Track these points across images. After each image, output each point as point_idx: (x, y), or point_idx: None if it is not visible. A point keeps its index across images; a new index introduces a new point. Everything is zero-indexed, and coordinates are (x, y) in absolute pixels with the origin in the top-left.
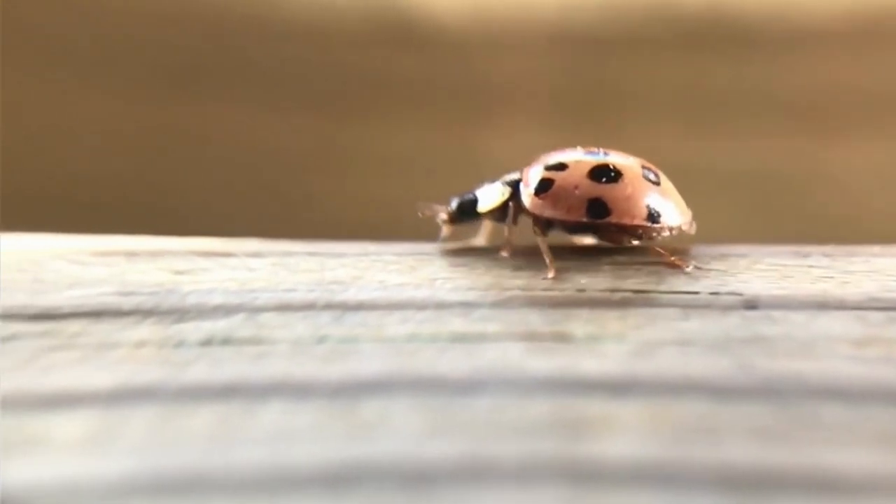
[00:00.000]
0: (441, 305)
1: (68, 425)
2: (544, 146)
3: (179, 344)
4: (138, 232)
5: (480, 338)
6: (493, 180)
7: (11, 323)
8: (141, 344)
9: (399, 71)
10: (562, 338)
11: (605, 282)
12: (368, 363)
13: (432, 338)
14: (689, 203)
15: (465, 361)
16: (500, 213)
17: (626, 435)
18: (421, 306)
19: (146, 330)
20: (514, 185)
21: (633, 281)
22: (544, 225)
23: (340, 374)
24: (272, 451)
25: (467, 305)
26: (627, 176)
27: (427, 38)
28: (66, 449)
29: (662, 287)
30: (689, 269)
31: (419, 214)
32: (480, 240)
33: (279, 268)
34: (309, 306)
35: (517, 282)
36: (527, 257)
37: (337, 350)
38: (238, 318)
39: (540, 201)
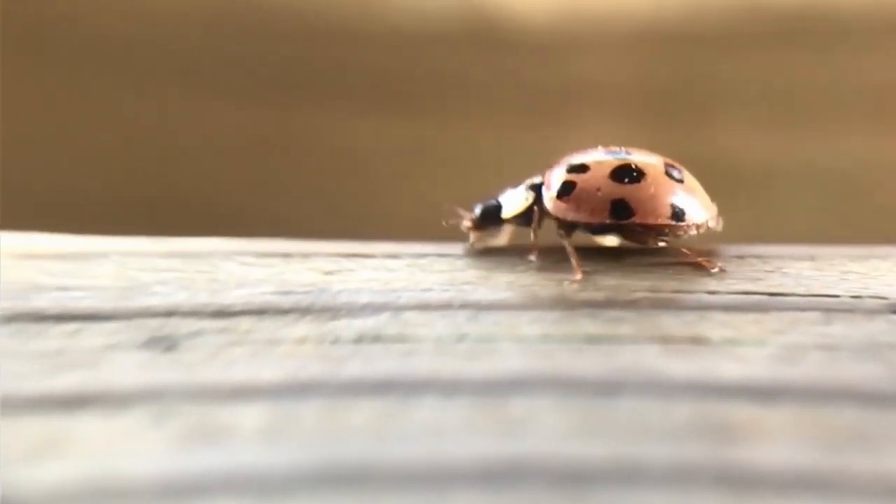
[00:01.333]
0: (570, 306)
1: (250, 416)
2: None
3: (335, 341)
4: (239, 234)
5: (614, 339)
6: (515, 185)
7: (196, 320)
8: (302, 340)
9: (483, 72)
10: (698, 341)
11: (739, 284)
12: (508, 362)
13: (565, 338)
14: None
15: (601, 363)
16: (523, 217)
17: (778, 441)
18: (550, 307)
19: (305, 327)
20: (537, 189)
21: (766, 284)
22: (568, 227)
23: (484, 373)
24: (428, 446)
25: (596, 306)
26: (650, 175)
27: (512, 39)
28: (251, 438)
29: (800, 290)
30: (715, 271)
31: (443, 223)
32: (503, 242)
33: (415, 268)
34: (446, 305)
35: (644, 283)
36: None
37: (477, 349)
38: (384, 317)
39: (563, 204)
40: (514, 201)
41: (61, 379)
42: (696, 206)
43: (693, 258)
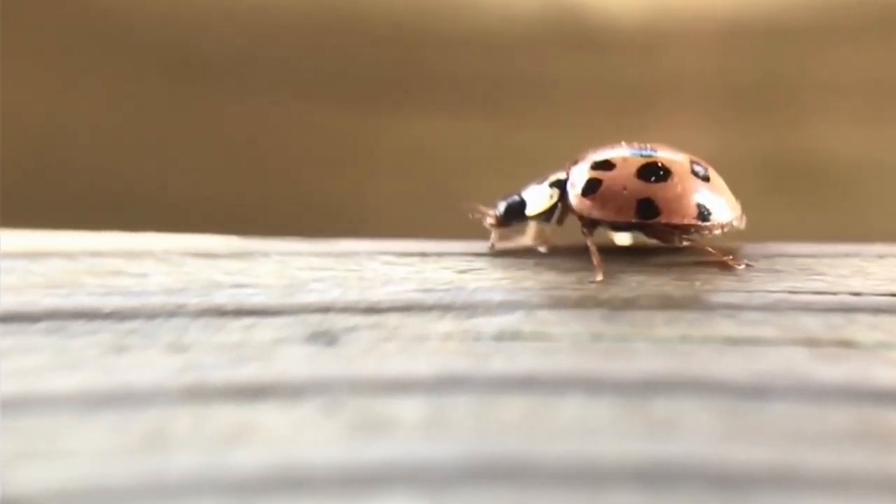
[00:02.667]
0: (706, 307)
1: (409, 409)
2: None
3: (477, 337)
4: (334, 235)
5: (756, 342)
6: (539, 181)
7: (350, 315)
8: (447, 337)
9: (572, 72)
10: (847, 344)
11: (884, 285)
12: (648, 362)
13: (705, 340)
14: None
15: (745, 365)
16: (547, 214)
17: None
18: (685, 307)
19: (448, 324)
20: (561, 186)
21: None
22: (591, 224)
23: (624, 372)
24: (578, 444)
25: (733, 308)
26: (677, 173)
27: (600, 38)
28: (413, 431)
29: None
30: (741, 267)
31: (469, 216)
32: (528, 239)
33: (542, 267)
34: (578, 304)
35: (783, 284)
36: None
37: (614, 348)
38: (519, 315)
39: (588, 202)
40: (538, 198)
41: (243, 370)
42: (721, 205)
43: (718, 257)
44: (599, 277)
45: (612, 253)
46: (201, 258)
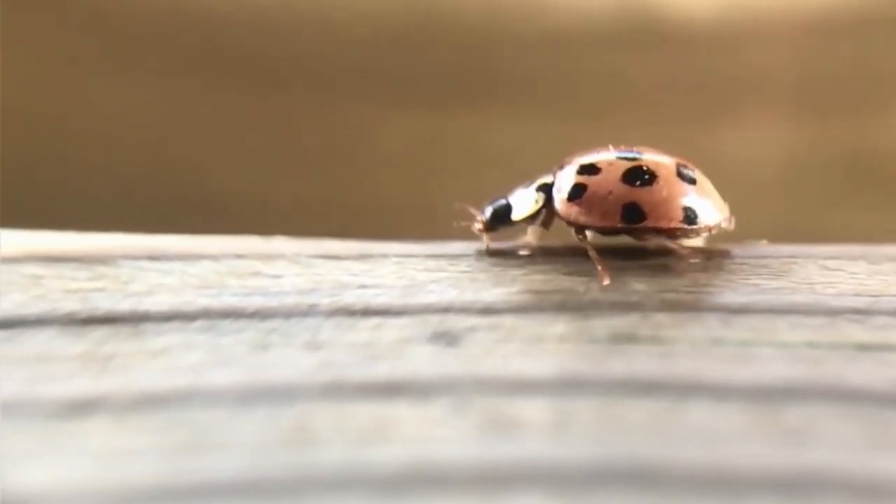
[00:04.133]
0: (831, 311)
1: (534, 410)
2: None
3: (592, 340)
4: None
5: (890, 348)
6: (526, 185)
7: (467, 316)
8: (562, 339)
9: (645, 71)
10: None
11: None
12: (774, 367)
13: (834, 346)
14: None
15: (882, 372)
16: (534, 218)
17: None
18: (809, 311)
19: (561, 326)
20: (547, 190)
21: None
22: (579, 229)
23: (750, 378)
24: (708, 450)
25: (861, 313)
26: (662, 177)
27: (674, 35)
28: (539, 432)
29: None
30: (689, 261)
31: (454, 224)
32: (530, 240)
33: (651, 269)
34: (692, 307)
35: None
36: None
37: (737, 353)
38: (634, 318)
39: (574, 208)
40: (524, 203)
41: (375, 368)
42: (708, 207)
43: (676, 247)
44: (606, 281)
45: (723, 258)
46: (328, 260)
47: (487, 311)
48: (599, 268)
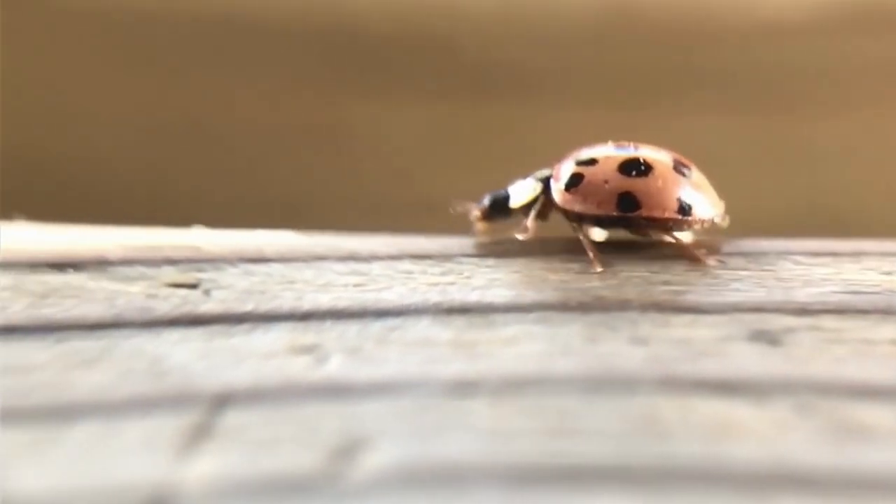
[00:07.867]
0: None
1: (880, 418)
2: None
3: None
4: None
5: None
6: (524, 177)
7: (782, 316)
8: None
9: (859, 58)
10: None
11: None
12: None
13: None
14: None
15: None
16: (531, 207)
17: None
18: None
19: (891, 329)
20: (545, 181)
21: None
22: (575, 219)
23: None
24: None
25: None
26: (657, 169)
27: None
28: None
29: None
30: (713, 263)
31: (450, 211)
32: (530, 234)
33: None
34: (801, 312)
35: None
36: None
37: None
38: None
39: (570, 196)
40: (522, 192)
41: (703, 365)
42: (703, 201)
43: (690, 252)
44: (599, 269)
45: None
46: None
47: (804, 311)
48: (591, 255)
